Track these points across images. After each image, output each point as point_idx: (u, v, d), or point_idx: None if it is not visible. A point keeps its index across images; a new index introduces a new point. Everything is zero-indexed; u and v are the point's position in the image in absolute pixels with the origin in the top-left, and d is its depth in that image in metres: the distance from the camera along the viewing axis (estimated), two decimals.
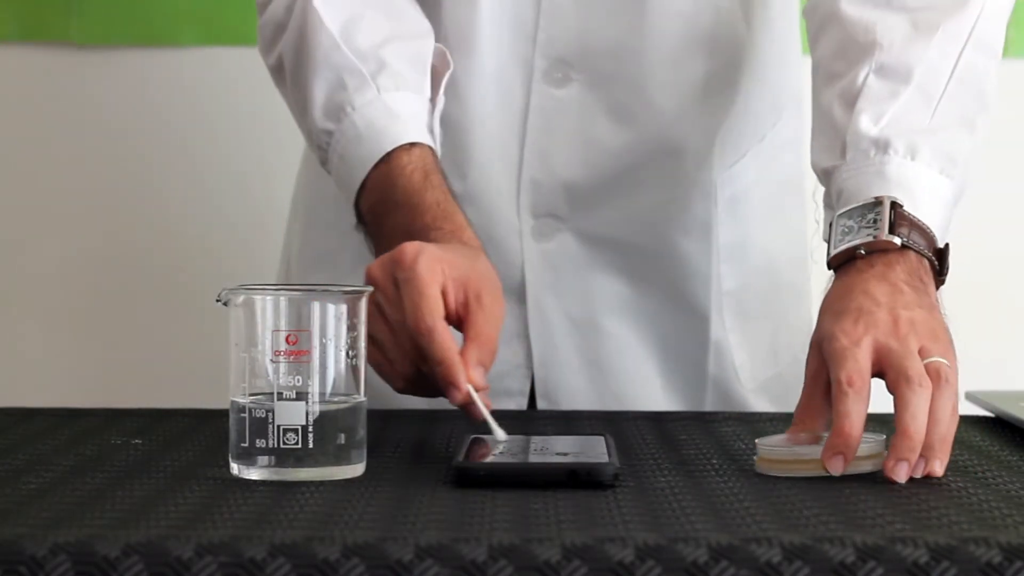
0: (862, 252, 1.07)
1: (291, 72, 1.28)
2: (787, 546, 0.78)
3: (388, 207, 1.19)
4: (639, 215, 1.38)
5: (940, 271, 1.09)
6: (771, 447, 1.01)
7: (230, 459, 0.96)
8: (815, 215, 1.22)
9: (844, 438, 0.98)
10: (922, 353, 1.01)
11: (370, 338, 1.04)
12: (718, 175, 1.39)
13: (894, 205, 1.08)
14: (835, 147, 1.17)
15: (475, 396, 1.04)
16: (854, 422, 0.98)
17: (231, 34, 1.94)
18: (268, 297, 0.95)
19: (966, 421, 1.24)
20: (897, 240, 1.07)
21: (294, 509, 0.86)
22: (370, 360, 1.05)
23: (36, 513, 0.85)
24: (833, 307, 1.06)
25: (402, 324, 1.06)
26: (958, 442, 1.14)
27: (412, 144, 1.21)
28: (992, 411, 1.25)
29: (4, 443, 1.10)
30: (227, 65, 1.96)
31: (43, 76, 1.97)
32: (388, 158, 1.20)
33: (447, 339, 1.05)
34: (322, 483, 0.94)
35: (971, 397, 1.30)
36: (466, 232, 1.17)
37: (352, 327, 0.96)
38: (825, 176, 1.18)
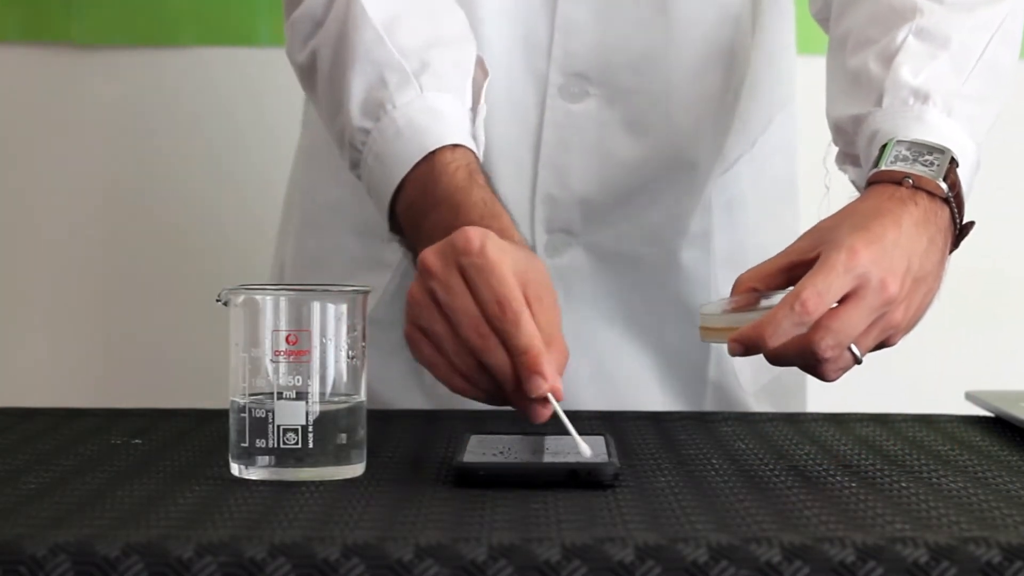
0: (910, 182, 1.06)
1: (327, 69, 1.23)
2: (787, 546, 0.78)
3: (428, 205, 1.13)
4: (648, 228, 1.38)
5: (955, 243, 1.09)
6: (713, 315, 1.04)
7: (230, 459, 0.96)
8: (825, 180, 1.20)
9: (759, 341, 0.99)
10: (878, 328, 1.01)
11: (421, 333, 1.00)
12: (713, 182, 1.39)
13: (953, 160, 1.07)
14: (869, 97, 1.15)
15: (554, 402, 0.97)
16: (776, 335, 0.98)
17: (231, 34, 1.94)
18: (268, 297, 0.95)
19: (966, 421, 1.24)
20: (945, 187, 1.06)
21: (294, 509, 0.86)
22: (423, 358, 1.01)
23: (36, 513, 0.85)
24: (860, 215, 1.04)
25: (468, 314, 0.98)
26: (958, 442, 1.14)
27: (455, 145, 1.15)
28: (992, 411, 1.25)
29: (4, 443, 1.10)
30: (227, 65, 1.96)
31: (43, 76, 1.97)
32: (430, 157, 1.14)
33: (534, 326, 0.98)
34: (322, 483, 0.94)
35: (971, 397, 1.30)
36: (515, 233, 1.10)
37: (352, 327, 0.96)
38: (853, 123, 1.15)
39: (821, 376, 1.01)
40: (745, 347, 1.00)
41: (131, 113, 1.97)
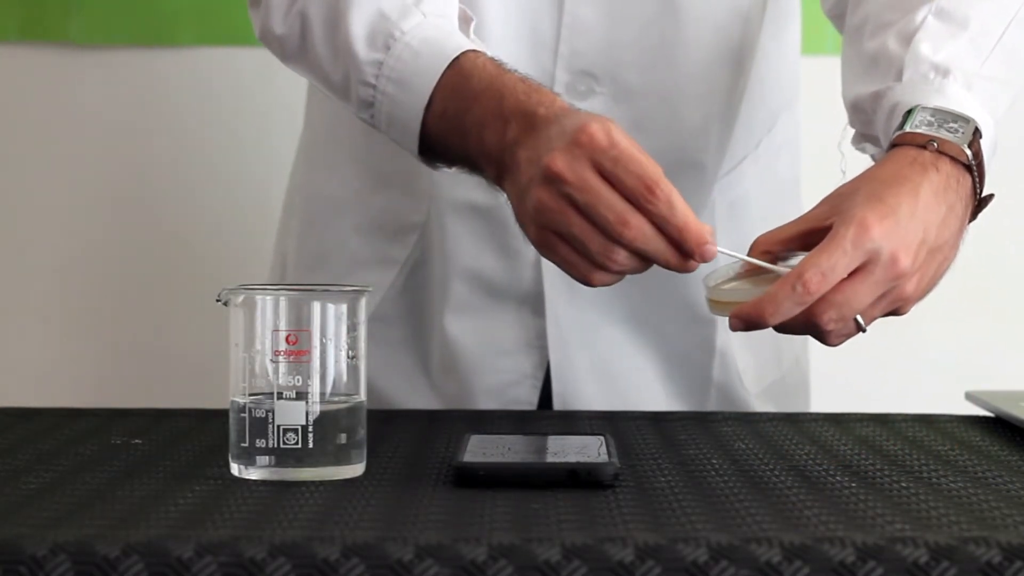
0: (935, 145, 1.05)
1: (320, 24, 1.21)
2: (787, 546, 0.78)
3: (467, 103, 1.12)
4: None
5: (973, 215, 1.08)
6: (721, 289, 1.03)
7: (230, 459, 0.96)
8: (840, 165, 1.19)
9: (759, 319, 0.98)
10: (886, 300, 1.00)
11: (557, 237, 1.02)
12: (717, 182, 1.39)
13: (977, 131, 1.07)
14: (888, 73, 1.14)
15: (721, 250, 1.01)
16: (777, 314, 0.98)
17: (231, 34, 1.94)
18: (268, 297, 0.95)
19: (966, 421, 1.24)
20: (969, 154, 1.05)
21: (294, 509, 0.86)
22: (560, 260, 1.02)
23: (36, 513, 0.85)
24: (878, 182, 1.03)
25: (614, 209, 0.99)
26: (958, 442, 1.14)
27: (475, 51, 1.14)
28: (992, 411, 1.25)
29: (4, 443, 1.10)
30: (226, 65, 1.96)
31: (43, 76, 1.97)
32: (454, 63, 1.13)
33: (683, 200, 1.00)
34: (322, 483, 0.94)
35: (971, 397, 1.30)
36: (557, 99, 1.09)
37: (352, 327, 0.96)
38: (872, 99, 1.15)
39: (824, 342, 1.01)
40: (746, 323, 0.99)
41: (130, 113, 1.97)
